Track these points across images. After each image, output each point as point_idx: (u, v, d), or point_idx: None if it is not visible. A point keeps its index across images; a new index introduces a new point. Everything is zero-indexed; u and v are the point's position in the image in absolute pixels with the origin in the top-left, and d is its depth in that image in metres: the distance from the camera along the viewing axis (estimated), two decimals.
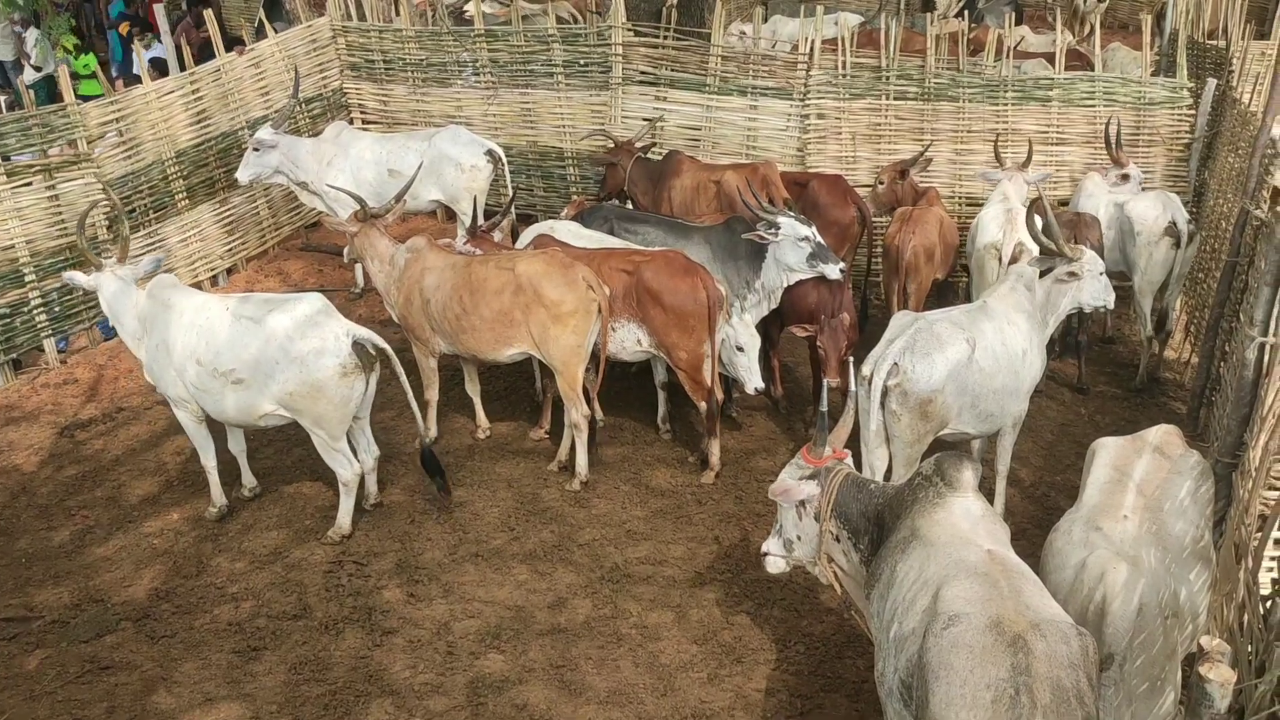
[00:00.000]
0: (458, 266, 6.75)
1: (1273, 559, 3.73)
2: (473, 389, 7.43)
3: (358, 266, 9.32)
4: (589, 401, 6.72)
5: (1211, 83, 9.09)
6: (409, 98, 10.73)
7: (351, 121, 10.74)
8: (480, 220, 7.78)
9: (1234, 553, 3.62)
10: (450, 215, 9.80)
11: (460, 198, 9.15)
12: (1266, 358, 4.77)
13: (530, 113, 10.42)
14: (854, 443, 5.12)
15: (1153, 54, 9.68)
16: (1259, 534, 3.58)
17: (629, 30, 9.82)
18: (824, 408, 4.65)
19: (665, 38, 9.75)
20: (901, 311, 6.24)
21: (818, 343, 6.75)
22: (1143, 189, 8.52)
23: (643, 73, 9.85)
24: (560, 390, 6.70)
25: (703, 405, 6.76)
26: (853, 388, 5.62)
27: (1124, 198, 8.07)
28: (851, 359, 5.99)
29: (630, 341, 6.83)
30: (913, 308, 7.40)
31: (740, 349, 6.67)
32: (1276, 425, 3.95)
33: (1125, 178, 8.45)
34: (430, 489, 6.63)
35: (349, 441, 6.30)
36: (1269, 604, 3.00)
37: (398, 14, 10.79)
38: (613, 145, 9.06)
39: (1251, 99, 8.02)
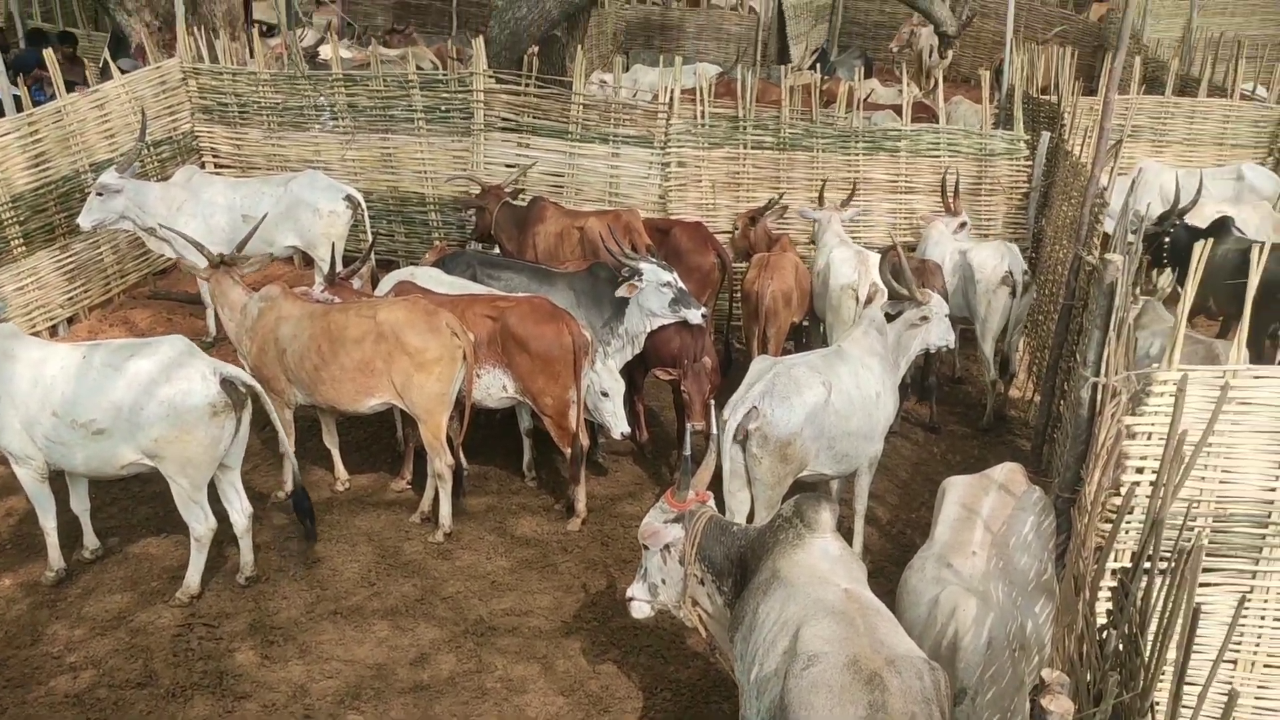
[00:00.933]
0: (315, 315, 6.60)
1: (1109, 589, 3.87)
2: (330, 440, 7.25)
3: (209, 313, 9.08)
4: (453, 450, 6.62)
5: (1046, 135, 9.50)
6: (264, 141, 10.51)
7: (203, 165, 10.47)
8: (339, 267, 7.59)
9: (1073, 585, 3.75)
10: (308, 261, 9.63)
11: (318, 243, 9.01)
12: (1099, 397, 4.88)
13: (391, 158, 10.33)
14: (717, 485, 5.16)
15: (992, 108, 10.09)
16: (1095, 566, 3.71)
17: (490, 78, 9.83)
18: (687, 452, 4.68)
19: (527, 85, 9.80)
20: (761, 356, 6.36)
21: (682, 387, 6.80)
22: (985, 237, 8.91)
23: (505, 119, 9.85)
24: (423, 440, 6.59)
25: (568, 451, 6.74)
26: (715, 431, 5.57)
27: (966, 246, 8.35)
28: (714, 402, 6.03)
29: (495, 388, 6.77)
30: (772, 351, 7.54)
31: (605, 394, 6.68)
32: (1109, 461, 4.06)
33: (963, 225, 8.78)
34: (296, 535, 6.47)
35: (220, 500, 6.08)
36: (1104, 635, 3.12)
37: (252, 56, 10.62)
38: (480, 190, 9.03)
39: (1081, 151, 8.36)
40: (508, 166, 9.78)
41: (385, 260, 10.32)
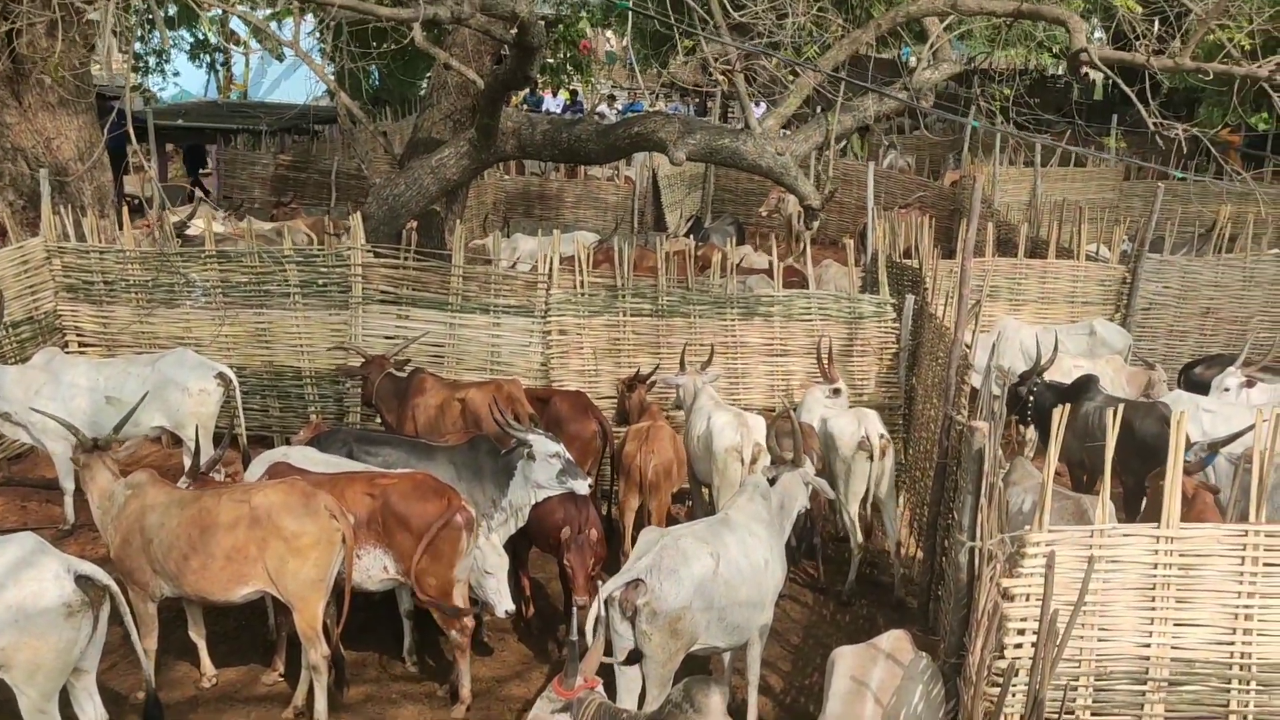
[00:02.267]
0: (185, 502, 6.30)
1: None
2: (196, 632, 6.82)
3: (67, 499, 8.63)
4: (329, 639, 6.30)
5: (910, 298, 9.68)
6: (133, 319, 10.24)
7: (65, 346, 10.12)
8: (204, 453, 7.32)
9: None
10: (177, 441, 9.29)
11: (186, 423, 8.71)
12: (977, 561, 4.91)
13: (265, 332, 10.14)
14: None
15: (858, 271, 10.49)
16: None
17: (368, 251, 9.77)
18: (574, 636, 4.64)
19: (405, 258, 9.82)
20: (649, 528, 6.28)
21: (565, 560, 6.67)
22: (861, 398, 9.16)
23: (383, 292, 9.74)
24: (298, 629, 6.25)
25: (454, 634, 6.51)
26: (602, 610, 5.52)
27: (829, 414, 8.43)
28: (599, 579, 5.97)
29: (376, 570, 6.52)
30: (655, 523, 7.47)
31: (489, 572, 6.50)
32: (990, 625, 4.08)
33: (837, 392, 8.84)
34: None
35: (71, 706, 5.63)
36: None
37: (121, 230, 10.40)
38: (364, 360, 8.93)
39: (944, 313, 8.52)
40: (387, 338, 9.64)
41: (259, 436, 10.04)
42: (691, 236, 14.46)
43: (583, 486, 6.75)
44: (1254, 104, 12.80)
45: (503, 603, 6.49)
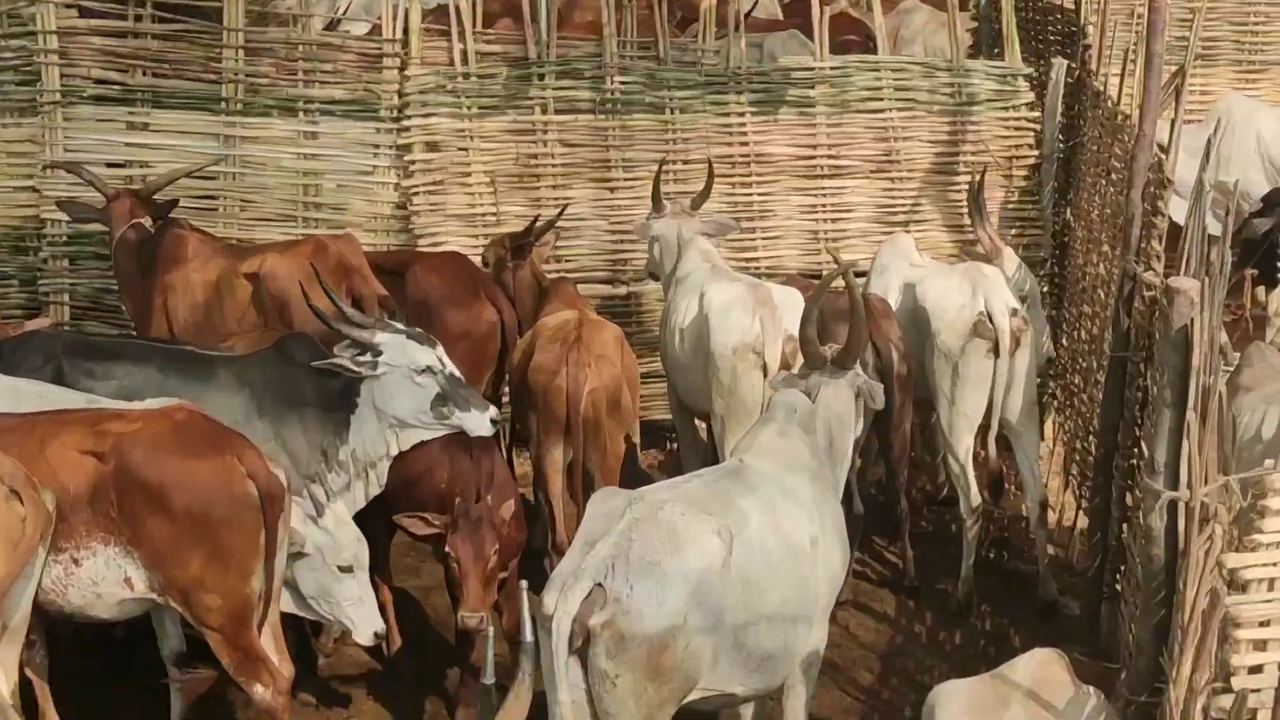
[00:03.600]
0: None
1: None
2: None
3: None
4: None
5: (1061, 64, 7.30)
6: None
7: None
8: None
9: None
10: None
11: None
12: (1184, 524, 3.81)
13: None
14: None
15: (968, 18, 8.13)
16: None
17: (70, 7, 7.15)
18: (488, 679, 4.52)
19: (138, 19, 7.02)
20: (605, 489, 4.97)
21: (447, 548, 5.25)
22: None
23: (100, 83, 7.04)
24: None
25: (257, 691, 5.05)
26: (527, 634, 4.48)
27: (921, 275, 6.75)
28: (524, 584, 4.82)
29: (112, 583, 5.07)
30: (600, 484, 6.06)
31: (341, 569, 5.07)
32: (1205, 636, 3.42)
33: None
34: None
35: None
36: None
37: None
38: (108, 193, 6.64)
39: (1122, 89, 6.50)
40: (111, 166, 7.01)
41: None
42: None
43: (482, 423, 5.37)
44: None
45: (365, 623, 5.25)
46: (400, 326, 5.36)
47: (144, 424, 4.97)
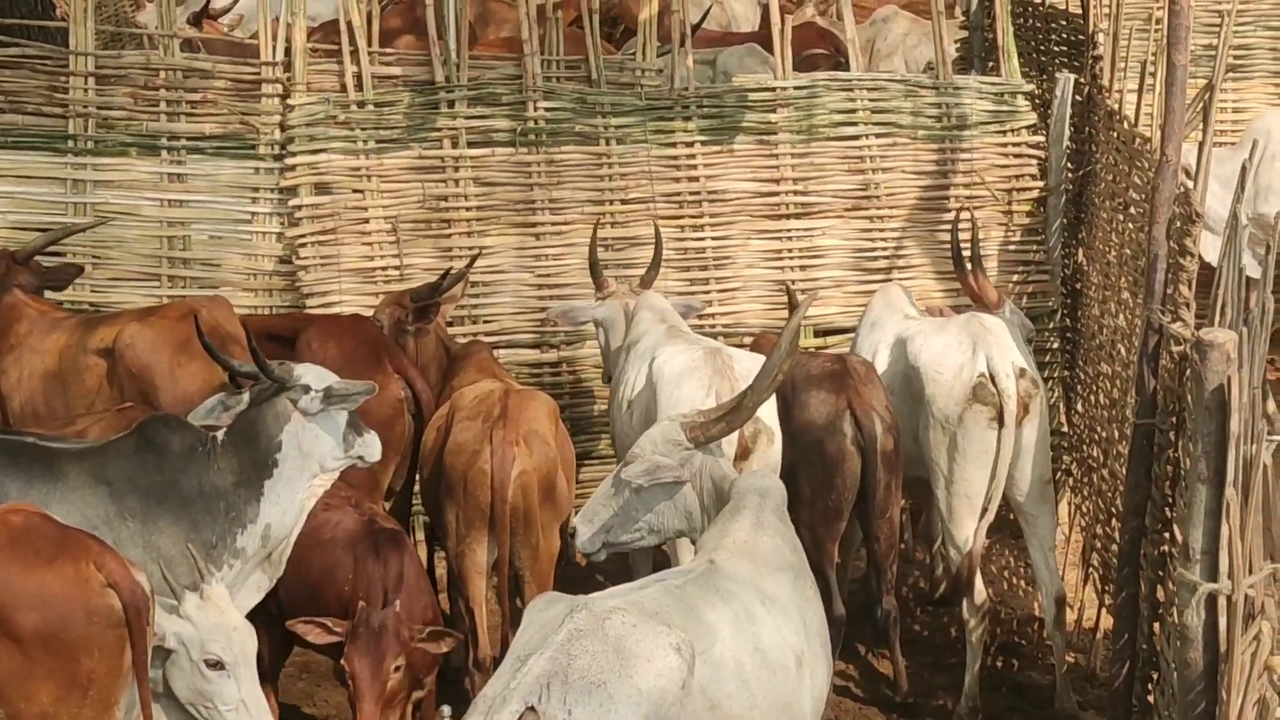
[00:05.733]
0: None
1: None
2: None
3: None
4: None
5: (1067, 80, 6.56)
6: None
7: None
8: None
9: None
10: None
11: None
12: (1228, 622, 3.52)
13: None
14: None
15: (955, 26, 7.47)
16: None
17: None
18: None
19: None
20: (545, 594, 4.32)
21: (343, 663, 4.72)
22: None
23: None
24: None
25: None
26: None
27: (915, 330, 6.22)
28: (446, 710, 4.17)
29: None
30: (532, 589, 5.52)
31: (217, 665, 4.38)
32: None
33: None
34: None
35: None
36: None
37: None
38: None
39: (1139, 108, 5.96)
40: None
41: None
42: None
43: (374, 447, 4.89)
44: None
45: None
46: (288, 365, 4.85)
47: None
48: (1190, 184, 4.92)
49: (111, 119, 6.28)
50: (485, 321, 6.47)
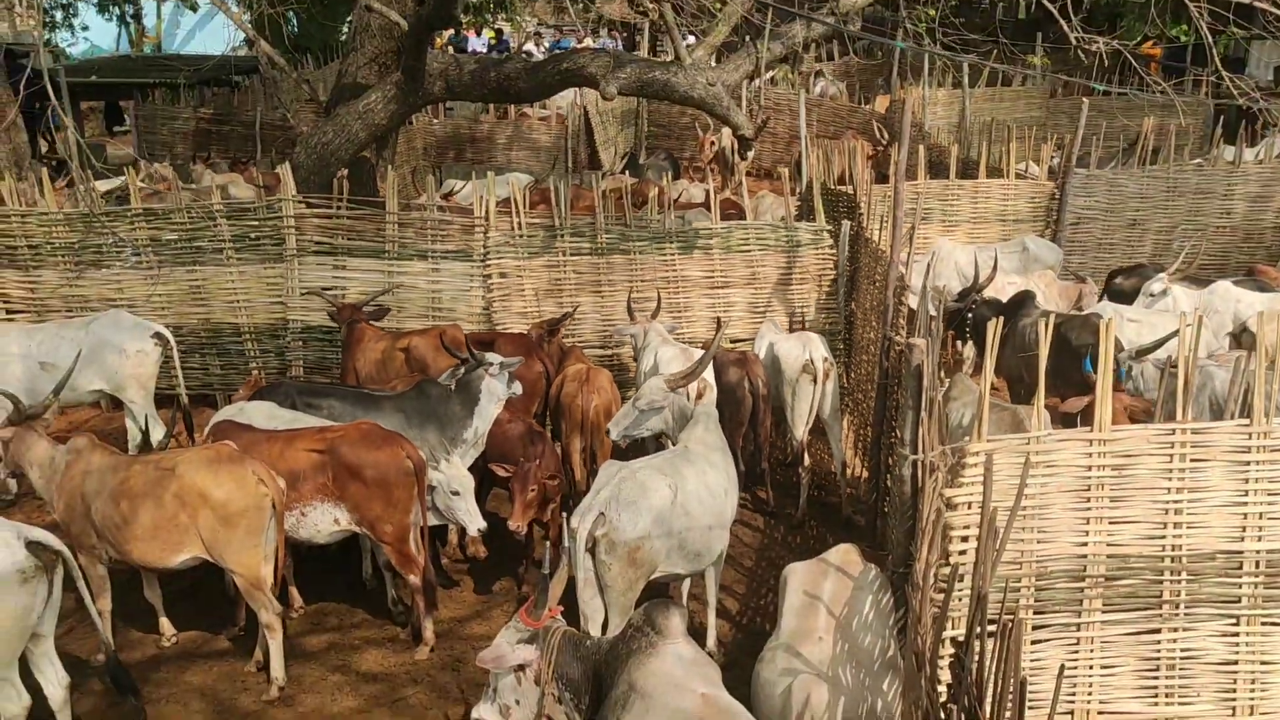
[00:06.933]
0: (119, 468, 6.23)
1: (948, 661, 3.98)
2: (152, 594, 6.82)
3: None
4: (285, 595, 6.32)
5: (846, 224, 9.85)
6: (61, 283, 9.95)
7: None
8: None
9: (914, 661, 3.86)
10: (116, 404, 9.16)
11: (126, 385, 8.60)
12: (919, 473, 4.97)
13: (200, 289, 9.96)
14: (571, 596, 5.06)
15: (794, 200, 10.61)
16: (932, 639, 3.82)
17: (300, 202, 9.66)
18: (545, 569, 4.64)
19: (339, 207, 9.72)
20: (609, 461, 6.37)
21: (510, 485, 6.75)
22: (802, 326, 9.30)
23: (318, 243, 9.71)
24: (244, 591, 6.27)
25: (413, 579, 6.56)
26: (565, 542, 5.60)
27: (775, 339, 8.69)
28: (565, 515, 5.97)
29: (326, 523, 6.54)
30: (601, 460, 7.60)
31: (456, 492, 6.55)
32: (934, 534, 4.17)
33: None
34: (124, 707, 5.98)
35: (32, 673, 5.57)
36: (946, 708, 3.19)
37: (42, 195, 10.08)
38: (335, 308, 8.97)
39: (880, 237, 8.73)
40: (325, 289, 9.66)
41: (200, 395, 9.93)
42: (627, 173, 14.30)
43: (519, 388, 7.17)
44: (1174, 15, 12.94)
45: (474, 521, 6.53)
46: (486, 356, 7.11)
47: (346, 432, 6.54)
48: (903, 270, 7.27)
49: (404, 240, 9.54)
50: (578, 337, 9.55)
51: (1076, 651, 4.60)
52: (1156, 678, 4.62)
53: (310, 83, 12.46)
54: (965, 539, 4.29)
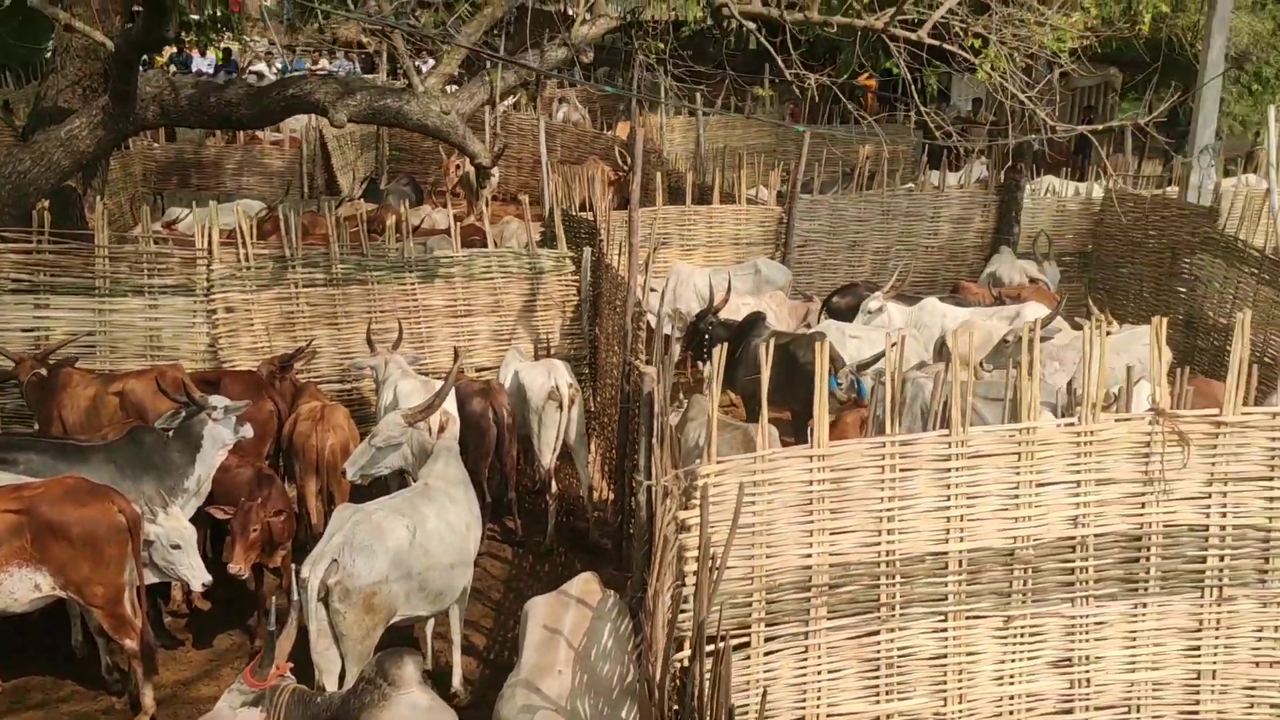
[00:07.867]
0: None
1: (675, 684, 4.03)
2: None
3: None
4: None
5: (587, 250, 9.95)
6: None
7: None
8: None
9: (646, 688, 3.89)
10: None
11: None
12: (654, 498, 4.98)
13: None
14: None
15: (538, 227, 10.53)
16: (662, 664, 3.87)
17: None
18: (272, 627, 4.47)
19: (39, 241, 8.94)
20: (343, 505, 6.24)
21: (230, 526, 6.50)
22: (548, 352, 9.32)
23: (16, 280, 8.85)
24: None
25: (128, 644, 6.15)
26: (294, 594, 5.48)
27: (520, 367, 8.69)
28: (293, 566, 5.92)
29: (24, 590, 6.03)
30: (339, 501, 7.37)
31: (177, 546, 6.23)
32: (666, 557, 4.27)
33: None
34: None
35: None
36: None
37: None
38: (13, 361, 8.22)
39: (619, 262, 8.83)
40: (25, 331, 8.85)
41: None
42: (363, 200, 13.93)
43: (249, 431, 6.92)
44: (884, 51, 13.87)
45: (198, 576, 6.27)
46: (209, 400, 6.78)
47: (47, 489, 6.09)
48: (640, 296, 7.50)
49: (117, 275, 8.92)
50: (315, 372, 9.11)
51: (805, 659, 4.78)
52: (878, 677, 4.89)
53: (8, 105, 11.36)
54: (695, 559, 4.36)
